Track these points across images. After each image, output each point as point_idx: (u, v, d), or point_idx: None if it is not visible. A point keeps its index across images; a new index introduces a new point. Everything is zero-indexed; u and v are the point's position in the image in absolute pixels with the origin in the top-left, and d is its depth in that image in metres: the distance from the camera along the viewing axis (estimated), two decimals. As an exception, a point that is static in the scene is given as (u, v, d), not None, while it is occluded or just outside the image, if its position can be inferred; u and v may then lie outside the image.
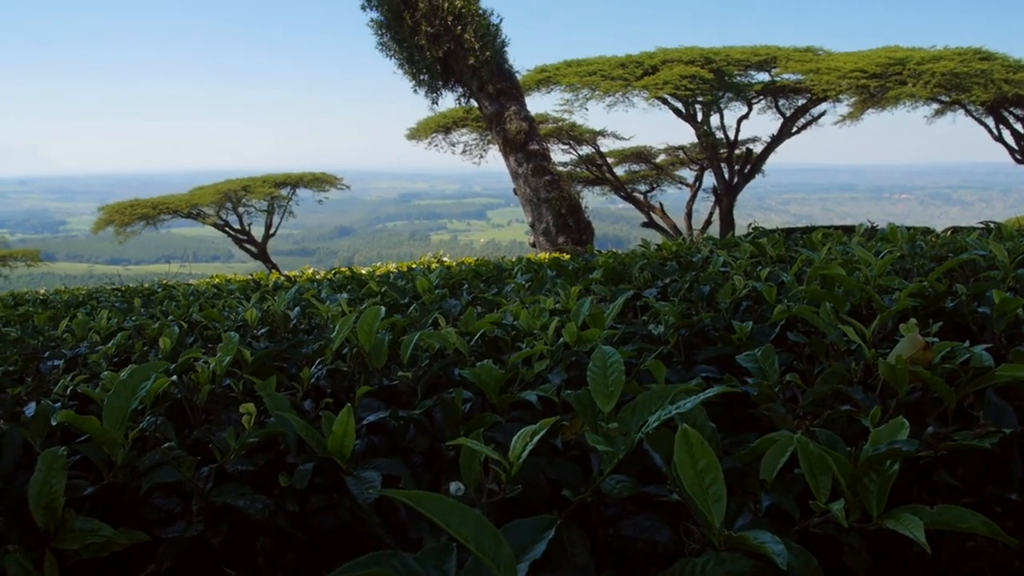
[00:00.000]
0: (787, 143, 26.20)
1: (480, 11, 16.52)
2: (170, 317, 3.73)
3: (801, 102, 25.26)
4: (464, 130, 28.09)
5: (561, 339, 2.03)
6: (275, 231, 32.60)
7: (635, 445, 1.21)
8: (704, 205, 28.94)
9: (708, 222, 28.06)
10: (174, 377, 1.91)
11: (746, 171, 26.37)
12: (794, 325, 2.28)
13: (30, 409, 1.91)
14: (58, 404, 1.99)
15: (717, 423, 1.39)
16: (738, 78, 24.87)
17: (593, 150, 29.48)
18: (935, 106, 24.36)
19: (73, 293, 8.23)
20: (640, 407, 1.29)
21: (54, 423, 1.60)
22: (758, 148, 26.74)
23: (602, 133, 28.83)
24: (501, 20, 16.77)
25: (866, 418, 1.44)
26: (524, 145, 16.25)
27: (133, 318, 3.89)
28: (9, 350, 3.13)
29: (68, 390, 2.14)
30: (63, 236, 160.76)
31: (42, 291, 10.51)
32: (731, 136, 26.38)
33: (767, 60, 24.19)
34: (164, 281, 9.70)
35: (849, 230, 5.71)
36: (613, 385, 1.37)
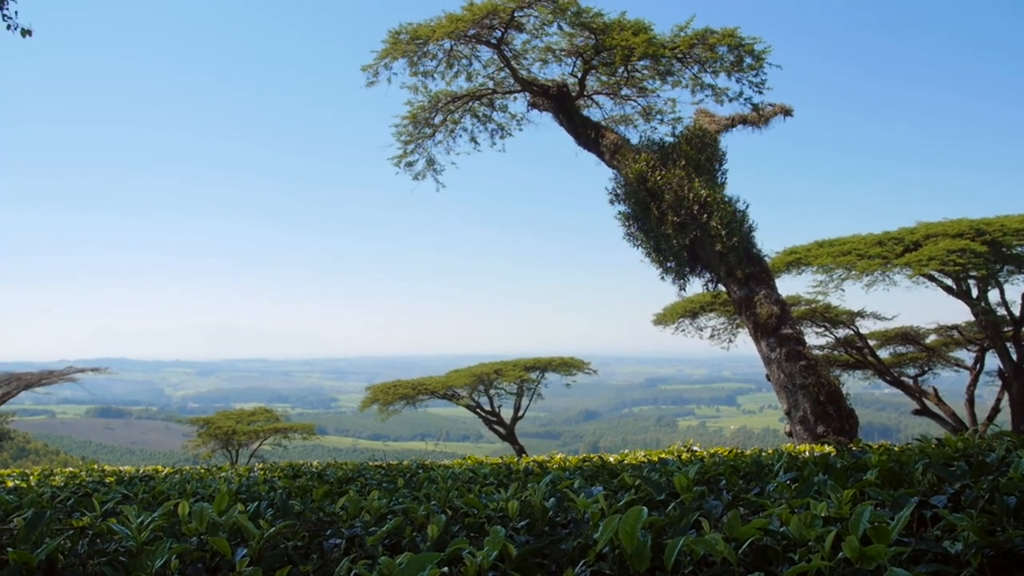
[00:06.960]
0: (1090, 317, 22.93)
1: (725, 198, 16.74)
2: (433, 502, 3.92)
3: (1102, 270, 22.28)
4: (712, 314, 27.77)
5: (840, 553, 1.86)
6: (523, 413, 33.56)
7: None
8: (988, 390, 25.68)
9: (995, 410, 24.75)
10: (444, 569, 1.99)
11: (1039, 350, 23.26)
12: None
13: (317, 588, 2.08)
14: (340, 585, 2.14)
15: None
16: (1018, 249, 22.53)
17: (852, 332, 27.73)
18: None
19: (343, 468, 9.00)
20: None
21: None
22: (1052, 325, 23.65)
23: (860, 314, 27.16)
24: (747, 206, 16.88)
25: None
26: (776, 329, 15.70)
27: (399, 499, 4.13)
28: (296, 523, 3.45)
29: (351, 573, 2.29)
30: (333, 412, 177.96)
31: (315, 463, 11.76)
32: (1016, 312, 23.65)
33: (1052, 227, 21.81)
34: (422, 461, 10.48)
35: None
36: (912, 617, 1.22)
